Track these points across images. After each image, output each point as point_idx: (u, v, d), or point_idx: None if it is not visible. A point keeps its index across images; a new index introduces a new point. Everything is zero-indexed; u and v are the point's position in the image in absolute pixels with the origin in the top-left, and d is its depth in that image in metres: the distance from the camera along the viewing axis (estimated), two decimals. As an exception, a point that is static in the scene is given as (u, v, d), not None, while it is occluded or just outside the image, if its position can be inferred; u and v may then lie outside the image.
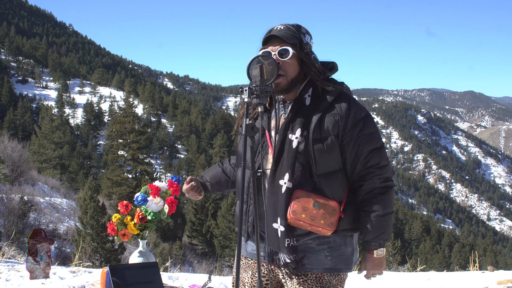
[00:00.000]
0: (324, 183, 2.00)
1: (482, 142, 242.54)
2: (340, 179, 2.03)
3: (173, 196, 2.70)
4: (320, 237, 2.04)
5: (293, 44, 2.04)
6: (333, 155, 2.00)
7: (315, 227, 1.98)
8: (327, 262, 2.04)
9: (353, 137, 2.01)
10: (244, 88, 1.90)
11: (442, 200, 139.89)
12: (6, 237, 12.73)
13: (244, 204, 2.13)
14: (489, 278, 5.53)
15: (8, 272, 4.37)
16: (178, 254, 25.00)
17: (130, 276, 2.39)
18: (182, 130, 78.69)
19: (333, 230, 1.98)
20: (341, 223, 2.02)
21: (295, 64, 2.06)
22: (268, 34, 2.08)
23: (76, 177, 38.06)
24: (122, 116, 32.92)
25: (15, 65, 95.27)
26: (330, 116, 2.01)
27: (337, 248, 2.06)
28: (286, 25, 2.08)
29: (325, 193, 2.01)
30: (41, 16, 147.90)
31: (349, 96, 2.08)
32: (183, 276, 5.44)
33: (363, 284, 5.56)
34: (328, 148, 1.99)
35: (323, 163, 1.99)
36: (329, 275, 2.06)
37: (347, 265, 2.09)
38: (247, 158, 1.87)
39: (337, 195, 2.02)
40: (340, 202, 2.02)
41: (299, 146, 2.01)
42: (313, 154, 1.99)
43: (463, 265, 26.96)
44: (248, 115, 1.87)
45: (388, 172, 2.05)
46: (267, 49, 2.07)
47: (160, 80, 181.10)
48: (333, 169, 2.02)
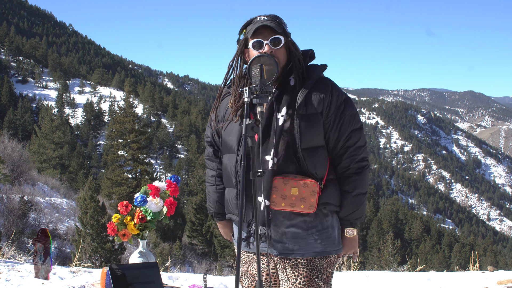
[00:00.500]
0: (308, 158, 2.06)
1: (482, 142, 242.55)
2: (323, 155, 2.10)
3: (172, 197, 2.70)
4: (307, 221, 2.09)
5: (281, 33, 2.10)
6: (317, 130, 2.08)
7: (296, 211, 2.06)
8: (317, 245, 2.10)
9: (337, 118, 2.10)
10: (244, 88, 1.92)
11: (442, 200, 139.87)
12: (6, 237, 12.73)
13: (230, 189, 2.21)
14: (489, 278, 5.53)
15: (8, 272, 4.37)
16: (178, 254, 25.01)
17: (130, 276, 2.39)
18: (182, 130, 78.69)
19: (314, 210, 2.05)
20: (325, 197, 2.09)
21: (284, 53, 2.13)
22: (258, 24, 2.07)
23: (76, 177, 38.05)
24: (122, 116, 32.92)
25: (15, 65, 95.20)
26: (315, 94, 2.09)
27: (325, 231, 2.12)
28: (270, 15, 2.12)
29: (308, 168, 2.06)
30: (41, 16, 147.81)
31: (329, 79, 2.18)
32: (183, 276, 5.44)
33: (363, 284, 5.57)
34: (313, 123, 2.06)
35: (308, 137, 2.06)
36: (319, 258, 2.12)
37: (336, 247, 2.16)
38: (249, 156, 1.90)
39: (320, 171, 2.08)
40: (321, 179, 2.09)
41: (285, 124, 2.06)
42: (299, 129, 2.05)
43: (463, 265, 26.98)
44: (248, 115, 1.87)
45: (364, 153, 2.15)
46: (258, 39, 2.10)
47: (160, 80, 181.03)
48: (317, 145, 2.08)
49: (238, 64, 2.18)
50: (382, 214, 46.60)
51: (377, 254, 27.31)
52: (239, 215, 1.83)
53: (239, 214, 1.83)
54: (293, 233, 2.09)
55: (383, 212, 48.41)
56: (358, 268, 7.16)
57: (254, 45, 2.10)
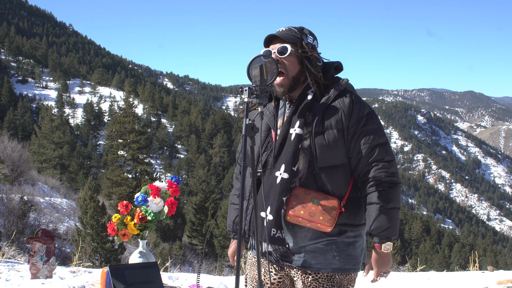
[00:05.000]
0: (325, 177, 2.02)
1: (482, 142, 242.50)
2: (342, 174, 2.04)
3: (173, 197, 2.70)
4: (328, 237, 2.04)
5: (293, 43, 2.09)
6: (335, 149, 2.01)
7: (314, 223, 2.00)
8: (335, 262, 2.05)
9: (356, 133, 2.02)
10: (244, 88, 1.91)
11: (442, 200, 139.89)
12: (6, 237, 12.73)
13: (245, 201, 2.15)
14: (489, 278, 5.52)
15: (8, 272, 4.37)
16: (178, 254, 25.00)
17: (130, 276, 2.39)
18: (182, 130, 78.72)
19: (333, 226, 1.99)
20: (342, 218, 2.02)
21: (295, 63, 2.10)
22: (269, 36, 2.13)
23: (76, 177, 38.05)
24: (122, 116, 32.93)
25: (15, 65, 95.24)
26: (332, 110, 2.03)
27: (345, 248, 2.07)
28: (289, 27, 2.14)
29: (325, 187, 2.02)
30: (41, 16, 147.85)
31: (352, 92, 2.10)
32: (183, 276, 5.43)
33: (364, 284, 5.56)
34: (329, 142, 2.01)
35: (324, 156, 2.01)
36: (340, 274, 2.06)
37: (355, 265, 2.09)
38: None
39: (338, 190, 2.03)
40: (341, 198, 2.03)
41: (303, 141, 2.04)
42: (315, 147, 2.01)
43: (463, 265, 26.98)
44: (248, 115, 1.87)
45: (393, 168, 2.04)
46: (268, 48, 2.13)
47: (160, 80, 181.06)
48: (335, 164, 2.03)
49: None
50: (382, 214, 46.47)
51: (377, 254, 27.27)
52: (239, 213, 1.81)
53: (239, 212, 1.82)
54: (313, 248, 2.06)
55: (383, 212, 48.27)
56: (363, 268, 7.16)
57: (263, 54, 2.11)
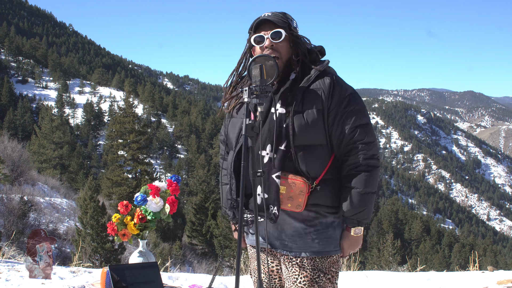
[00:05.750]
0: (301, 157, 2.01)
1: (482, 142, 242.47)
2: (320, 154, 2.03)
3: (174, 195, 2.70)
4: (305, 219, 2.05)
5: (283, 28, 2.08)
6: (313, 128, 2.01)
7: (283, 209, 2.05)
8: (314, 245, 2.05)
9: (338, 113, 2.03)
10: (244, 88, 1.91)
11: (442, 200, 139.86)
12: (6, 237, 12.72)
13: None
14: (489, 278, 5.52)
15: (8, 272, 4.37)
16: (178, 254, 24.99)
17: (130, 276, 2.39)
18: (182, 130, 78.65)
19: (302, 210, 2.00)
20: (316, 199, 2.02)
21: (287, 47, 2.10)
22: (259, 20, 2.10)
23: (76, 177, 38.04)
24: (122, 116, 32.92)
25: (15, 65, 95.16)
26: (313, 90, 2.03)
27: (324, 230, 2.06)
28: (273, 12, 2.12)
29: (300, 167, 2.01)
30: (41, 16, 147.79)
31: (333, 73, 2.11)
32: (183, 276, 5.43)
33: (363, 284, 5.56)
34: (308, 121, 2.00)
35: (301, 135, 2.00)
36: (320, 257, 2.06)
37: (336, 247, 2.10)
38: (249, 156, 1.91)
39: (314, 171, 2.03)
40: (314, 179, 2.02)
41: (282, 118, 2.02)
42: (293, 126, 2.00)
43: (463, 265, 26.97)
44: (248, 115, 1.87)
45: (373, 150, 2.04)
46: (260, 33, 2.10)
47: (160, 80, 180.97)
48: (312, 143, 2.02)
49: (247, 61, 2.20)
50: (382, 214, 46.66)
51: (377, 254, 27.27)
52: (239, 216, 1.82)
53: (239, 216, 1.82)
54: (291, 231, 2.07)
55: (383, 212, 48.48)
56: (358, 268, 7.16)
57: (255, 40, 2.10)
